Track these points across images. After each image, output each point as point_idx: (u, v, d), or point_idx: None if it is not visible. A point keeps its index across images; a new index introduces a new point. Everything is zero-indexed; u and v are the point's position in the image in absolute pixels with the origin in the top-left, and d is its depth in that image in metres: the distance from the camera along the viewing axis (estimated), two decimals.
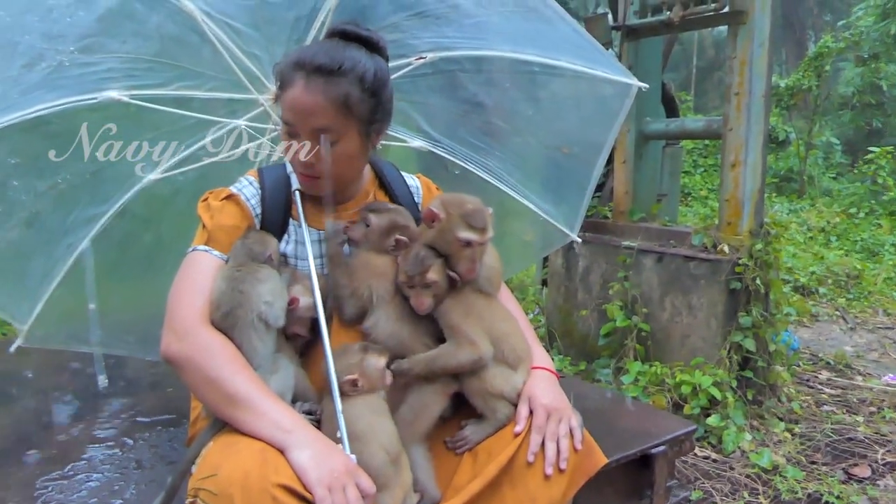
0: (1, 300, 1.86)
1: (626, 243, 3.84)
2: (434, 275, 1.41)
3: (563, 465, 1.33)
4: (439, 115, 2.00)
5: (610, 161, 4.37)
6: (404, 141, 1.99)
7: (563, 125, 2.08)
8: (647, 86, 1.93)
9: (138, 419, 2.06)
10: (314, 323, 1.43)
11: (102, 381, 2.25)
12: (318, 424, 1.34)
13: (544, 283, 4.82)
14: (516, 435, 1.36)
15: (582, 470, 1.37)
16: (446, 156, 2.05)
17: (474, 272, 1.44)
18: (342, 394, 1.30)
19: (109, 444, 1.88)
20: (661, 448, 1.71)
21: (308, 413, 1.37)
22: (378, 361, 1.36)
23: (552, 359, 4.06)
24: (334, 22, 1.64)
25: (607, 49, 4.57)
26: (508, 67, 1.90)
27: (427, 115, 1.99)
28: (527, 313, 5.31)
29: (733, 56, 3.47)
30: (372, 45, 1.46)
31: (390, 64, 1.57)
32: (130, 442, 1.90)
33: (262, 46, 1.68)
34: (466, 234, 1.42)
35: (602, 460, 1.40)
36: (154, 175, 1.84)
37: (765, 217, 3.58)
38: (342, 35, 1.44)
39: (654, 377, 3.40)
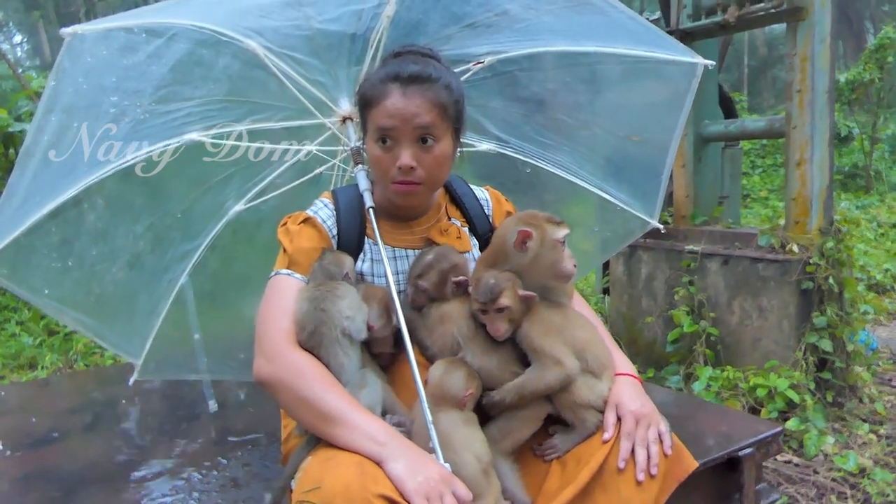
0: (114, 339, 1.99)
1: (689, 247, 3.80)
2: (506, 300, 1.42)
3: (654, 471, 1.33)
4: (504, 116, 2.03)
5: None
6: (473, 145, 2.02)
7: (630, 113, 2.06)
8: (713, 63, 1.89)
9: (230, 439, 2.14)
10: (397, 339, 1.48)
11: (213, 405, 2.37)
12: (408, 437, 1.37)
13: (605, 291, 4.79)
14: (605, 442, 1.37)
15: (673, 475, 1.37)
16: (515, 155, 2.06)
17: (576, 265, 1.46)
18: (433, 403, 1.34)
19: (206, 464, 1.97)
20: (748, 450, 1.69)
21: (397, 426, 1.40)
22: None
23: None
24: (388, 40, 1.71)
25: None
26: (566, 61, 1.90)
27: (491, 117, 2.02)
28: None
29: (794, 53, 3.42)
30: (437, 61, 1.53)
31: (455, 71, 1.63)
32: (224, 462, 1.98)
33: (324, 72, 1.74)
34: (560, 231, 1.45)
35: (693, 464, 1.40)
36: (239, 206, 1.95)
37: (834, 214, 3.49)
38: (411, 53, 1.53)
39: (726, 382, 3.34)
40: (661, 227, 2.20)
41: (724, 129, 4.05)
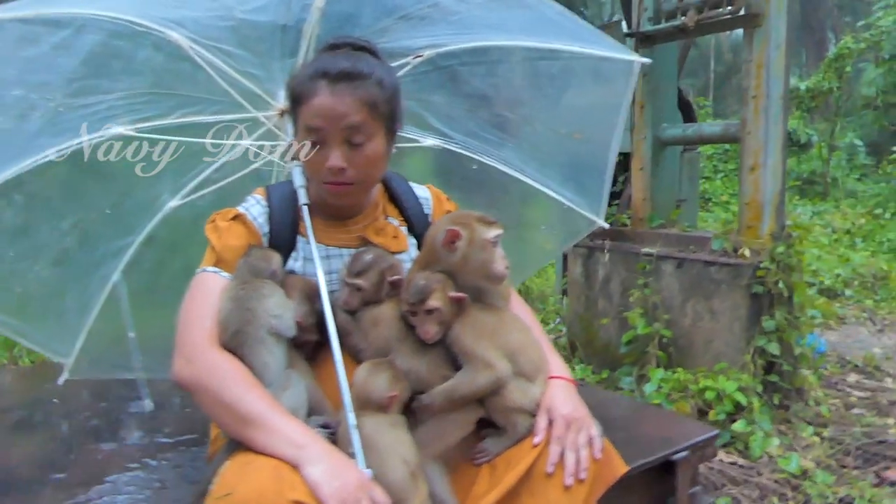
0: (41, 339, 1.91)
1: (645, 250, 3.82)
2: (435, 301, 1.39)
3: (582, 476, 1.32)
4: (447, 112, 2.00)
5: (627, 168, 4.37)
6: (416, 141, 1.99)
7: (571, 110, 2.06)
8: (649, 60, 1.92)
9: (160, 440, 2.08)
10: (321, 327, 1.44)
11: (148, 404, 2.29)
12: (334, 438, 1.35)
13: (565, 292, 4.81)
14: (535, 446, 1.36)
15: (601, 479, 1.36)
16: (462, 151, 2.04)
17: (508, 267, 1.43)
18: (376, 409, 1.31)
19: (133, 465, 1.90)
20: (683, 454, 1.70)
21: (324, 427, 1.38)
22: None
23: (574, 368, 4.08)
24: (322, 32, 1.67)
25: None
26: (504, 56, 1.90)
27: (434, 112, 1.99)
28: (547, 323, 5.33)
29: (749, 59, 3.45)
30: (373, 55, 1.49)
31: (390, 64, 1.59)
32: (154, 463, 1.92)
33: (257, 64, 1.70)
34: (491, 231, 1.42)
35: (622, 468, 1.40)
36: (174, 202, 1.89)
37: (786, 220, 3.54)
38: (345, 46, 1.48)
39: (677, 384, 3.36)
40: (606, 225, 2.21)
41: (681, 132, 4.09)
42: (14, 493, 1.78)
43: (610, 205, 4.45)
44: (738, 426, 3.12)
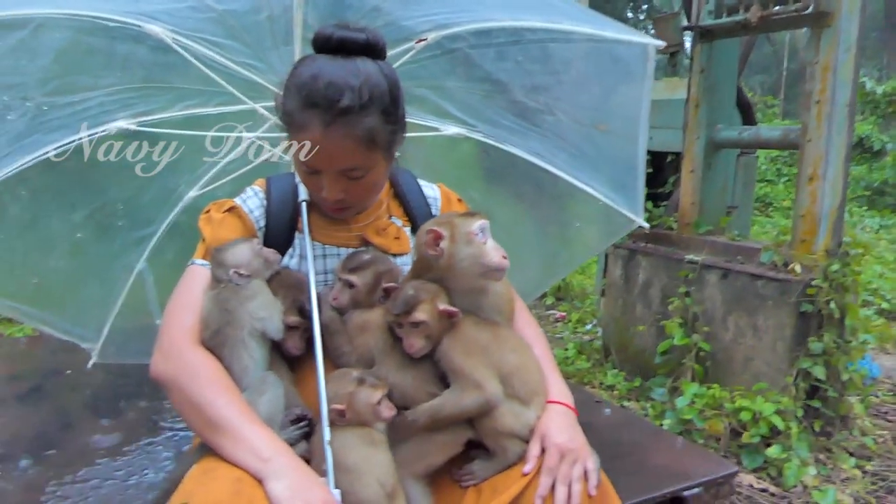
0: (64, 326, 1.93)
1: (689, 257, 3.64)
2: (422, 314, 1.30)
3: None
4: (463, 98, 1.89)
5: (678, 169, 4.17)
6: (437, 129, 1.89)
7: (590, 98, 1.92)
8: (663, 43, 1.75)
9: (161, 423, 2.06)
10: (309, 340, 1.36)
11: None
12: (309, 432, 1.29)
13: (603, 293, 4.66)
14: (524, 475, 1.25)
15: None
16: (485, 140, 1.92)
17: (506, 257, 1.32)
18: (330, 422, 1.23)
19: (128, 448, 1.89)
20: (696, 490, 1.56)
21: (299, 419, 1.31)
22: (371, 396, 1.26)
23: (605, 373, 3.94)
24: (313, 17, 1.56)
25: (677, 51, 4.36)
26: (513, 38, 1.76)
27: (451, 98, 1.88)
28: (584, 323, 5.18)
29: (815, 61, 3.22)
30: (374, 50, 1.33)
31: (391, 51, 1.47)
32: (149, 448, 1.90)
33: (252, 55, 1.63)
34: (473, 222, 1.32)
35: None
36: (193, 192, 1.87)
37: (844, 236, 3.31)
38: (340, 46, 1.30)
39: (711, 400, 3.20)
40: (645, 224, 2.06)
41: (737, 135, 3.86)
42: (8, 464, 1.79)
43: (656, 206, 4.31)
44: (773, 451, 2.94)
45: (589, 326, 5.08)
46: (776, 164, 12.52)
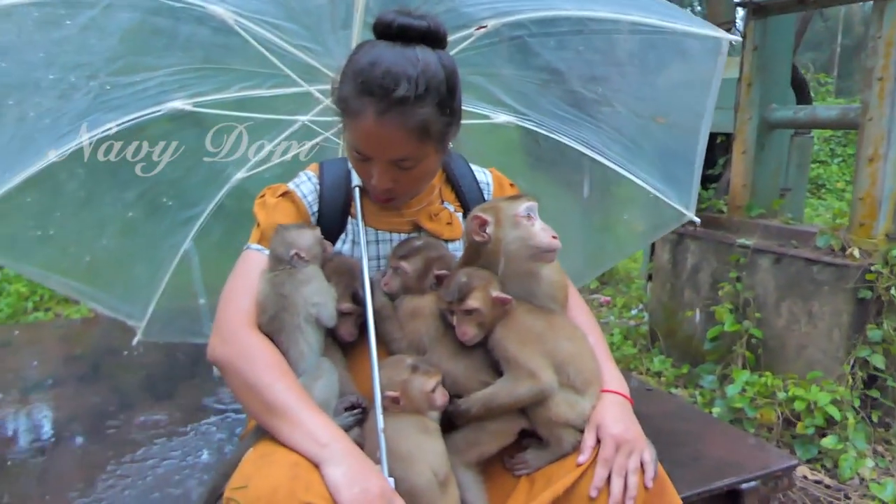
0: (113, 303, 1.98)
1: (740, 241, 3.54)
2: (475, 301, 1.28)
3: None
4: (517, 87, 1.85)
5: (728, 150, 4.06)
6: (487, 117, 1.86)
7: (653, 91, 1.86)
8: (738, 38, 1.68)
9: (216, 405, 2.11)
10: (362, 326, 1.36)
11: (216, 370, 2.35)
12: (363, 419, 1.30)
13: (650, 277, 4.58)
14: (578, 465, 1.23)
15: None
16: (536, 129, 1.89)
17: (556, 237, 1.29)
18: (383, 409, 1.23)
19: (184, 430, 1.93)
20: (753, 483, 1.52)
21: (353, 407, 1.31)
22: (425, 384, 1.25)
23: (652, 360, 3.88)
24: (375, 2, 1.54)
25: (730, 28, 4.21)
26: (577, 28, 1.71)
27: (504, 87, 1.85)
28: (629, 309, 5.10)
29: (878, 36, 3.07)
30: (435, 38, 1.30)
31: (450, 38, 1.44)
32: (203, 429, 1.94)
33: (309, 38, 1.62)
34: (519, 205, 1.30)
35: (675, 501, 1.25)
36: (241, 174, 1.89)
37: None
38: (401, 33, 1.27)
39: (763, 389, 3.12)
40: (696, 219, 2.01)
41: (792, 115, 3.73)
42: (69, 442, 1.85)
43: (705, 188, 4.19)
44: (828, 442, 2.86)
45: (634, 311, 5.00)
46: (829, 144, 12.10)
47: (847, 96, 15.84)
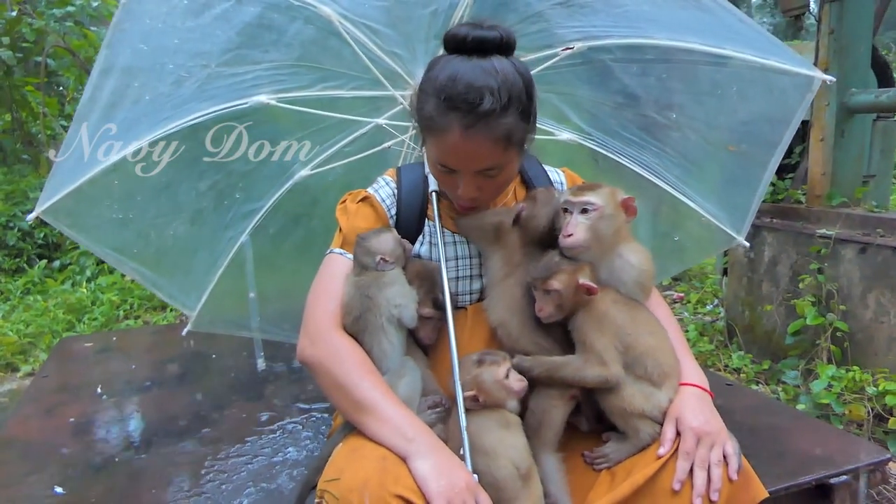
0: (172, 291, 2.07)
1: (821, 231, 3.42)
2: (557, 283, 1.32)
3: (714, 497, 1.19)
4: (589, 107, 1.88)
5: (805, 138, 3.91)
6: (552, 133, 1.90)
7: (730, 120, 1.85)
8: (832, 79, 1.64)
9: (299, 405, 2.19)
10: (443, 329, 1.41)
11: (261, 364, 2.44)
12: (445, 417, 1.35)
13: (725, 272, 4.46)
14: (659, 457, 1.24)
15: (737, 503, 1.22)
16: (597, 148, 1.92)
17: (570, 235, 1.34)
18: (465, 410, 1.27)
19: (272, 428, 2.02)
20: (844, 478, 1.48)
21: (434, 406, 1.36)
22: (496, 372, 1.30)
23: (730, 356, 3.78)
24: (473, 15, 1.58)
25: (804, 13, 4.07)
26: (664, 56, 1.71)
27: (576, 106, 1.88)
28: (704, 305, 4.98)
29: None
30: (508, 47, 1.32)
31: (535, 56, 1.48)
32: (290, 427, 2.03)
33: (401, 44, 1.67)
34: (564, 197, 1.38)
35: (761, 494, 1.24)
36: (305, 171, 1.94)
37: None
38: (476, 46, 1.29)
39: (851, 384, 3.01)
40: (746, 244, 2.01)
41: (874, 99, 3.57)
42: (166, 440, 1.97)
43: (782, 178, 4.06)
44: None
45: (710, 307, 4.88)
46: None
47: None
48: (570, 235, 1.33)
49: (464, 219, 1.48)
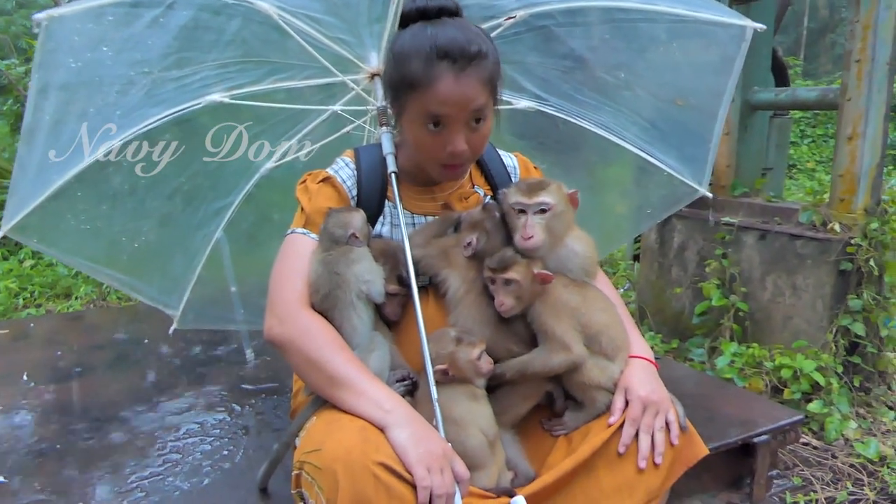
0: (151, 293, 2.05)
1: (725, 219, 3.68)
2: (515, 274, 1.38)
3: (658, 460, 1.30)
4: (540, 74, 1.94)
5: None
6: (510, 103, 1.95)
7: (675, 76, 1.95)
8: (762, 26, 1.77)
9: (243, 386, 2.17)
10: (407, 305, 1.45)
11: (250, 355, 2.41)
12: (413, 390, 1.39)
13: (636, 258, 4.71)
14: (609, 426, 1.35)
15: (682, 459, 1.35)
16: (556, 113, 1.98)
17: (530, 237, 1.39)
18: (435, 382, 1.32)
19: (219, 409, 2.00)
20: (764, 437, 1.65)
21: (402, 380, 1.40)
22: (470, 353, 1.35)
23: (643, 336, 4.02)
24: None
25: None
26: (605, 17, 1.80)
27: (528, 74, 1.93)
28: (617, 288, 5.24)
29: (856, 19, 3.22)
30: (459, 13, 1.40)
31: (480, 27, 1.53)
32: (238, 409, 2.01)
33: (345, 30, 1.69)
34: (515, 198, 1.42)
35: (702, 451, 1.37)
36: (270, 164, 1.96)
37: (882, 194, 3.34)
38: (439, 12, 1.37)
39: (751, 359, 3.27)
40: (708, 194, 2.12)
41: (774, 97, 3.87)
42: (110, 426, 1.91)
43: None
44: (814, 407, 3.02)
45: (622, 290, 5.14)
46: (799, 125, 12.39)
47: (814, 78, 16.17)
48: (530, 238, 1.39)
49: (416, 250, 1.48)
